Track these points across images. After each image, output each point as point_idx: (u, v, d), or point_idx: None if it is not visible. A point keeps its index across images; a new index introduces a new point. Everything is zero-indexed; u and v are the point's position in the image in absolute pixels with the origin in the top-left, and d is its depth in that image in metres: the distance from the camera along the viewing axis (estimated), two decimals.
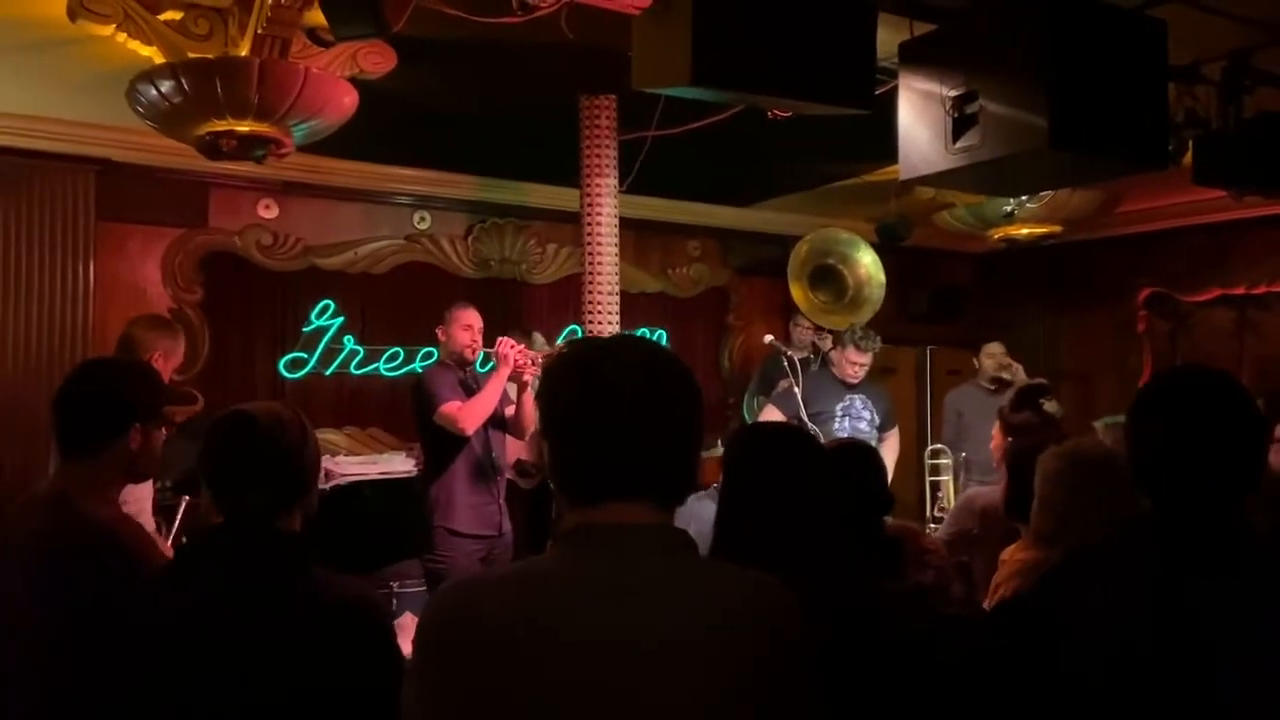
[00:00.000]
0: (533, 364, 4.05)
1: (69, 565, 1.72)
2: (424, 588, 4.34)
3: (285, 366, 5.76)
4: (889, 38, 2.83)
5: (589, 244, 4.69)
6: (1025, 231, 5.86)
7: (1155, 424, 1.48)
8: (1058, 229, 5.91)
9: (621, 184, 4.72)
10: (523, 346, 4.11)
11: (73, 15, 3.41)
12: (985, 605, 2.23)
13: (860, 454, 2.23)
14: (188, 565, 1.65)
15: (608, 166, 4.64)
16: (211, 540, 1.65)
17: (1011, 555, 2.23)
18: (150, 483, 2.99)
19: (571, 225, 5.57)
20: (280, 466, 1.65)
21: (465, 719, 1.08)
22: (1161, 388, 1.58)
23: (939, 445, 5.66)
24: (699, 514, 1.73)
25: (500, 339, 4.06)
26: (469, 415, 3.90)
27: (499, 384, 3.98)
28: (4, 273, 4.92)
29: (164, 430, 1.96)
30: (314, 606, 1.54)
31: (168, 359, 3.49)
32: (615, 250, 4.72)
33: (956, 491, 5.25)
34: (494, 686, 1.06)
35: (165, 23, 3.55)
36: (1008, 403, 3.54)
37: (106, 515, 1.79)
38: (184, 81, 3.36)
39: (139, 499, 2.82)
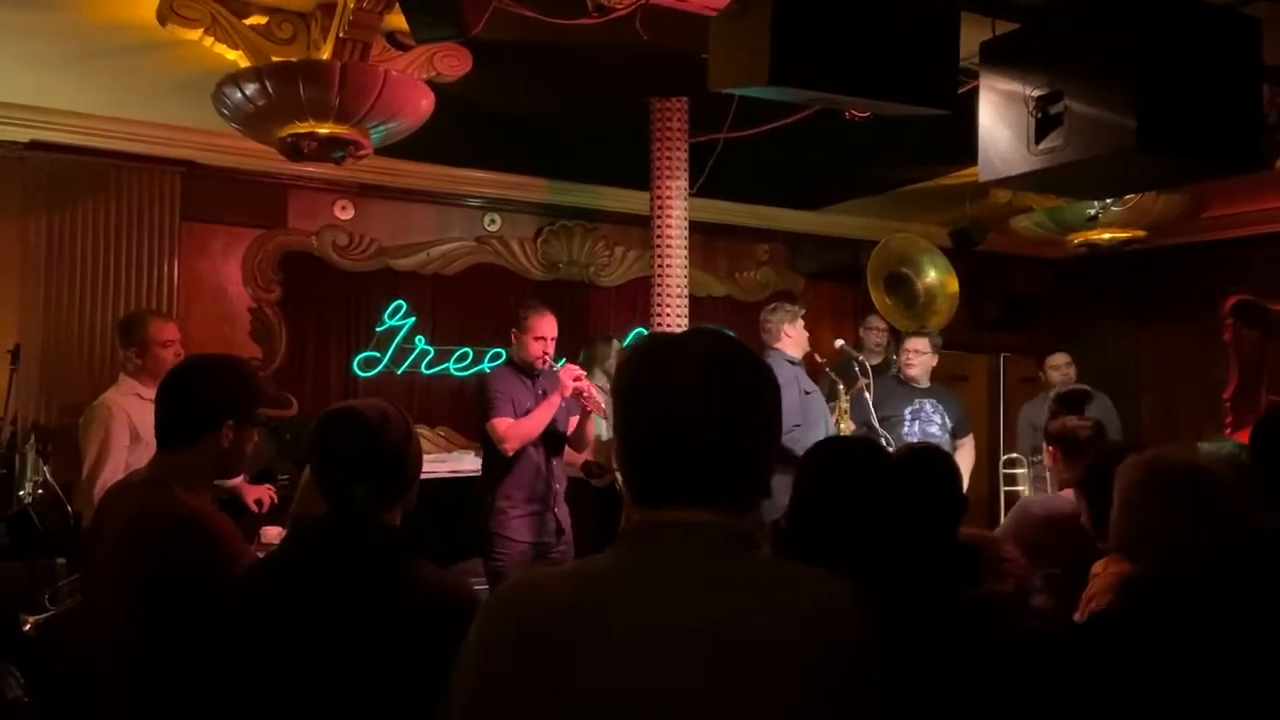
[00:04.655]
0: (592, 396, 3.94)
1: (160, 549, 1.77)
2: (486, 586, 4.38)
3: (359, 365, 5.87)
4: (970, 37, 2.78)
5: (658, 246, 4.69)
6: (1107, 237, 5.70)
7: None
8: (1141, 234, 5.74)
9: (691, 187, 4.72)
10: (586, 379, 3.97)
11: (162, 20, 3.53)
12: (1076, 619, 2.17)
13: (934, 458, 2.19)
14: (293, 553, 1.68)
15: (678, 169, 4.64)
16: (317, 531, 1.68)
17: (1104, 569, 2.18)
18: None
19: (639, 228, 5.57)
20: (385, 463, 1.68)
21: (515, 711, 1.07)
22: None
23: (1015, 455, 5.54)
24: None
25: (569, 366, 3.99)
26: (514, 437, 3.85)
27: (550, 410, 3.90)
28: (92, 270, 5.10)
29: (255, 431, 2.00)
30: (413, 597, 1.57)
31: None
32: (685, 253, 4.72)
33: None
34: (546, 681, 1.06)
35: (250, 27, 3.66)
36: (1048, 413, 3.41)
37: (197, 505, 1.84)
38: (268, 84, 3.46)
39: None
